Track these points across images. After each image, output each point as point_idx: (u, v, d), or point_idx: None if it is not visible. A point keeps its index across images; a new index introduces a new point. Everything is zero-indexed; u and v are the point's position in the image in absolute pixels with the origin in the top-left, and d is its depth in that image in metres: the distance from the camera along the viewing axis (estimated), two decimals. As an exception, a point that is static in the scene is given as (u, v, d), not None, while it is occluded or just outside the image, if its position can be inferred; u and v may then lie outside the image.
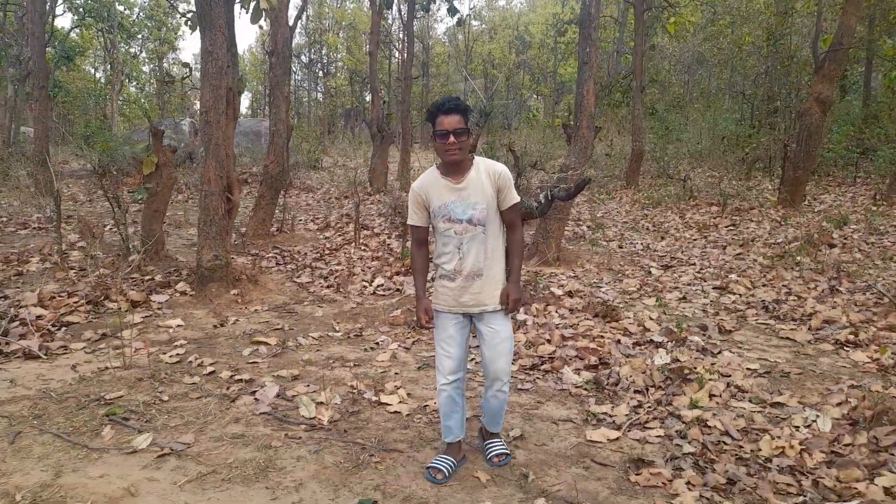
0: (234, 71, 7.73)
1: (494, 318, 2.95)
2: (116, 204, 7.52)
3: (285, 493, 2.80)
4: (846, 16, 12.14)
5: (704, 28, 23.45)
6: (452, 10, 10.87)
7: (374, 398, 3.87)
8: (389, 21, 27.32)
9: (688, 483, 2.88)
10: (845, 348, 4.86)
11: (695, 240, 9.99)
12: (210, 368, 4.34)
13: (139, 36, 40.73)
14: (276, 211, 10.24)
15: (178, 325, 5.39)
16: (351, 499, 2.77)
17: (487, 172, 2.90)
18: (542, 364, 4.53)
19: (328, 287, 6.92)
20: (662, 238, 10.24)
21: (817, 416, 3.46)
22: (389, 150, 16.61)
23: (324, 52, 45.58)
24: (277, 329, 5.39)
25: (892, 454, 3.02)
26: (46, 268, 7.20)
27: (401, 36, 29.75)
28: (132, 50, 40.24)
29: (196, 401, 3.80)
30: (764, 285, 6.96)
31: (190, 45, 78.48)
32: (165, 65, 46.43)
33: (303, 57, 42.88)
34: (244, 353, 4.75)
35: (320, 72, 45.88)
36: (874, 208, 11.56)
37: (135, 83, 43.44)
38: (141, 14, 40.09)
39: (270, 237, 9.66)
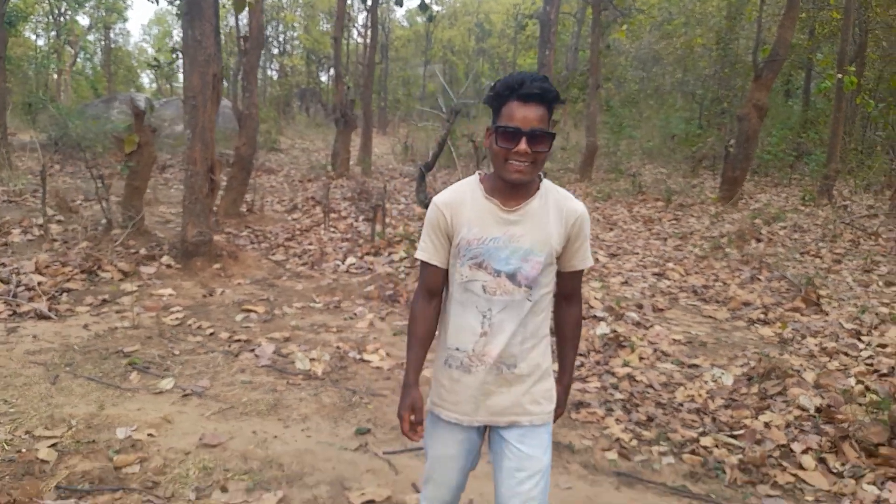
0: (218, 58, 8.16)
1: (531, 437, 1.87)
2: (101, 180, 7.91)
3: (295, 423, 3.44)
4: (783, 29, 13.16)
5: (660, 26, 24.41)
6: (424, 7, 11.43)
7: (358, 356, 4.50)
8: (349, 3, 27.52)
9: (616, 419, 3.63)
10: (756, 325, 5.72)
11: (640, 232, 10.85)
12: (209, 330, 4.90)
13: (87, 4, 39.82)
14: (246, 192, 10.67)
15: (170, 294, 5.90)
16: (348, 427, 3.42)
17: (559, 208, 1.84)
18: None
19: (303, 265, 7.48)
20: (611, 229, 11.08)
21: (722, 373, 4.26)
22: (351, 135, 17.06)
23: (280, 29, 45.31)
24: (263, 300, 5.96)
25: (775, 400, 3.84)
26: (30, 239, 7.57)
27: (362, 20, 30.03)
28: (78, 19, 39.33)
29: (204, 355, 4.37)
30: (696, 273, 7.83)
31: (138, 16, 76.56)
32: (112, 35, 45.35)
33: (260, 35, 42.50)
34: (237, 318, 5.31)
35: (276, 50, 45.61)
36: (802, 208, 12.69)
37: (83, 54, 42.49)
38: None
39: (241, 217, 10.11)
